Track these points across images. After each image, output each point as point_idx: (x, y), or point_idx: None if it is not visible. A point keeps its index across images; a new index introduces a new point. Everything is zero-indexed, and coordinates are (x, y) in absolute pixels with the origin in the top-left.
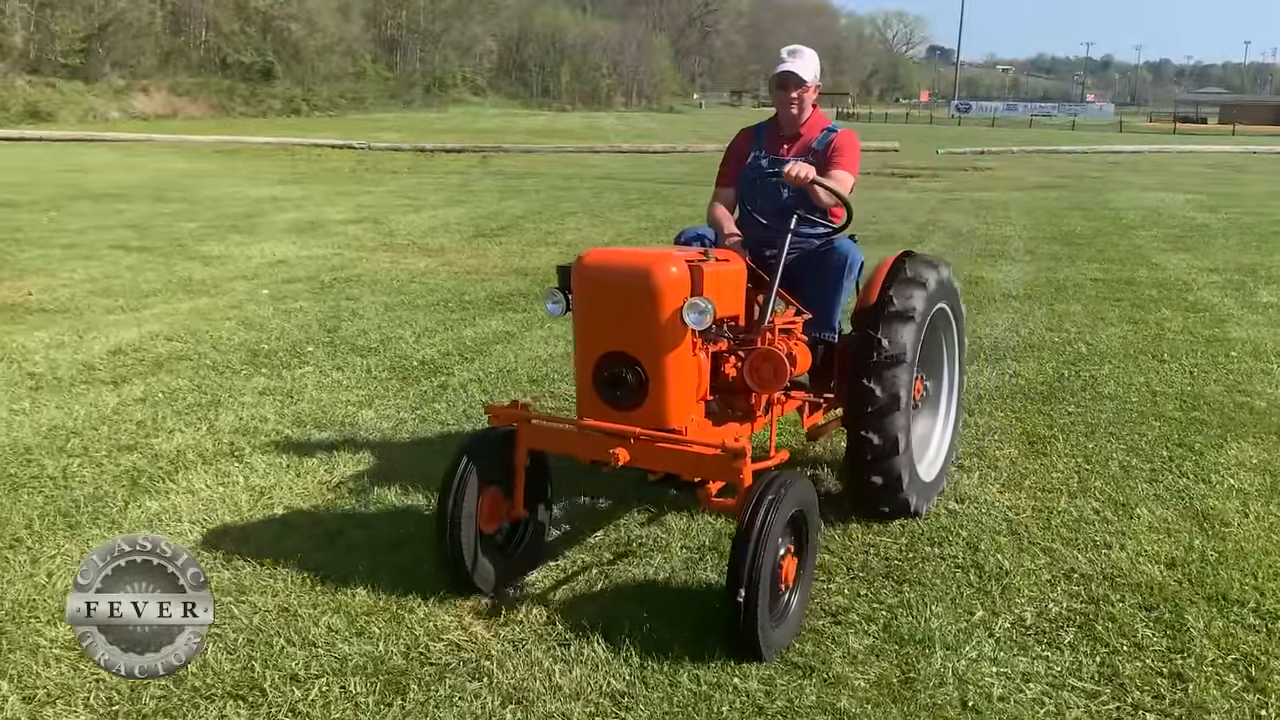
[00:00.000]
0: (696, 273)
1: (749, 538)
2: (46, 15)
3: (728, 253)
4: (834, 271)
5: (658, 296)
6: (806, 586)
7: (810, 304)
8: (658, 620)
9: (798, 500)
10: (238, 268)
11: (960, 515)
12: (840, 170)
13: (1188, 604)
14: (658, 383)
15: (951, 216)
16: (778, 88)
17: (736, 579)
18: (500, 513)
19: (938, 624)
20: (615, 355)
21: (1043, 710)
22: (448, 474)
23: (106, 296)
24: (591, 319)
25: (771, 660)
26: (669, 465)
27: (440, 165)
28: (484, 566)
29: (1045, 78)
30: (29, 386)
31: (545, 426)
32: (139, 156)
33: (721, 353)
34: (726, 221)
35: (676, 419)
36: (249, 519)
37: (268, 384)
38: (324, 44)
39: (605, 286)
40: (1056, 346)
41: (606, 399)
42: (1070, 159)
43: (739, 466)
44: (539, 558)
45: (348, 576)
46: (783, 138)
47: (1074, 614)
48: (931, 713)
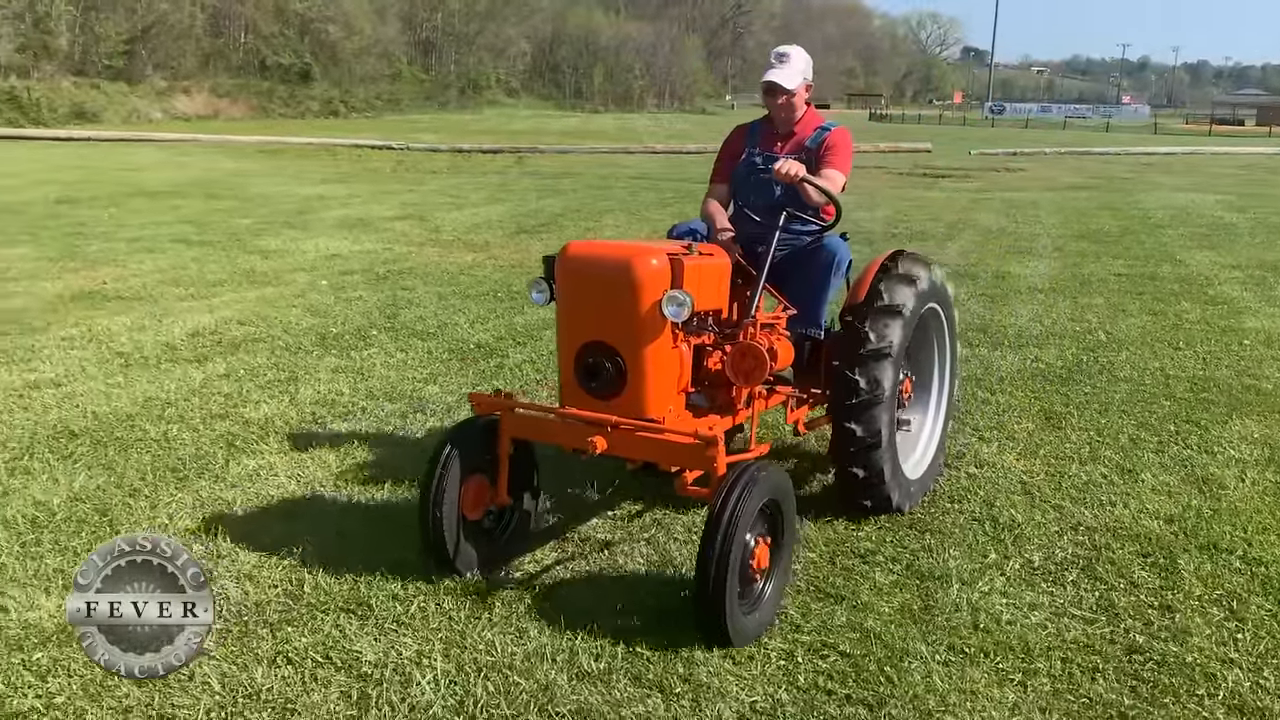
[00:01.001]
0: (677, 266)
1: (718, 525)
2: (91, 18)
3: (712, 247)
4: (821, 269)
5: (637, 288)
6: (783, 575)
7: (797, 300)
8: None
9: (770, 489)
10: (295, 260)
11: (978, 477)
12: (832, 169)
13: (1181, 551)
14: (636, 373)
15: (982, 215)
16: (765, 94)
17: (705, 565)
18: (485, 499)
19: (955, 564)
20: (595, 345)
21: (1045, 632)
22: (431, 461)
23: (177, 285)
24: (573, 309)
25: (741, 646)
26: (646, 454)
27: (478, 165)
28: (467, 551)
29: (1080, 79)
30: (119, 364)
31: (527, 415)
32: (186, 156)
33: (705, 346)
34: (719, 216)
35: (655, 409)
36: (339, 472)
37: (339, 363)
38: (361, 46)
39: (587, 277)
40: (1077, 335)
41: (586, 388)
42: (1103, 160)
43: (712, 455)
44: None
45: None
46: (776, 135)
47: (1077, 558)
48: (947, 632)
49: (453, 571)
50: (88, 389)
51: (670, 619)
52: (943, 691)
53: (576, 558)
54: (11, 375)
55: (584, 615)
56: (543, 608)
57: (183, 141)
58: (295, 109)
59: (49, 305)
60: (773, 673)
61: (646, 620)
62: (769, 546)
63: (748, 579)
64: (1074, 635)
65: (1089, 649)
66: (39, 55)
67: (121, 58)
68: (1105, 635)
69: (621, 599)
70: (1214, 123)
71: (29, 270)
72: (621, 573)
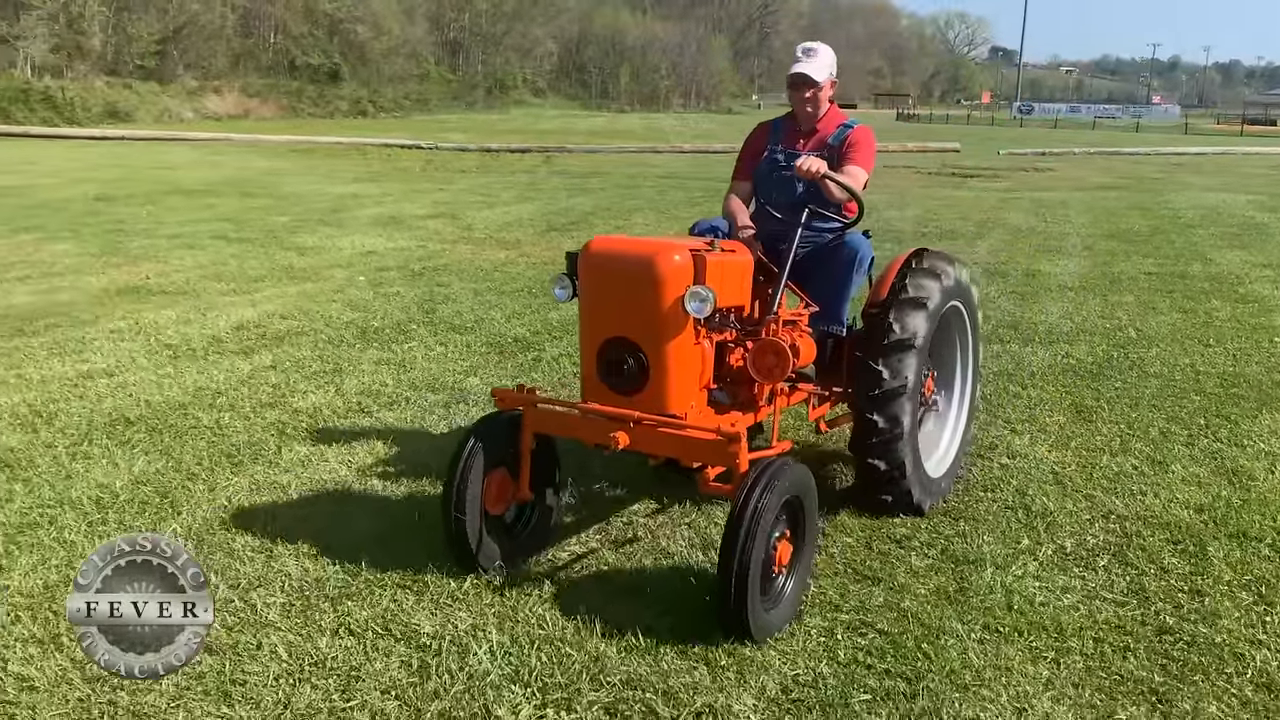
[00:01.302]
0: (699, 262)
1: (740, 521)
2: (124, 18)
3: (734, 244)
4: (843, 266)
5: (660, 284)
6: (805, 571)
7: (819, 297)
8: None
9: (793, 485)
10: (332, 257)
11: (1011, 468)
12: (854, 165)
13: (1211, 539)
14: (658, 369)
15: (1011, 214)
16: (791, 88)
17: (727, 561)
18: (507, 494)
19: (989, 549)
20: (618, 341)
21: (1077, 614)
22: (454, 456)
23: (218, 281)
24: (596, 305)
25: (761, 641)
26: (668, 449)
27: (506, 165)
28: (489, 546)
29: (1110, 79)
30: (168, 355)
31: (550, 410)
32: (219, 155)
33: (727, 342)
34: (741, 214)
35: (676, 404)
36: (388, 458)
37: (381, 355)
38: (389, 46)
39: (610, 273)
40: (1107, 332)
41: (609, 384)
42: (1132, 160)
43: (734, 451)
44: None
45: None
46: (799, 133)
47: (1109, 545)
48: (982, 613)
49: (476, 568)
50: (139, 379)
51: (695, 613)
52: (978, 667)
53: (599, 551)
54: (65, 366)
55: (620, 599)
56: (580, 593)
57: (215, 141)
58: (324, 109)
59: (95, 299)
60: (813, 648)
61: (676, 611)
62: (790, 543)
63: (769, 575)
64: (1105, 616)
65: (1120, 629)
66: (72, 55)
67: (153, 58)
68: (1136, 617)
69: (650, 590)
70: (1245, 123)
71: (74, 265)
72: (645, 567)
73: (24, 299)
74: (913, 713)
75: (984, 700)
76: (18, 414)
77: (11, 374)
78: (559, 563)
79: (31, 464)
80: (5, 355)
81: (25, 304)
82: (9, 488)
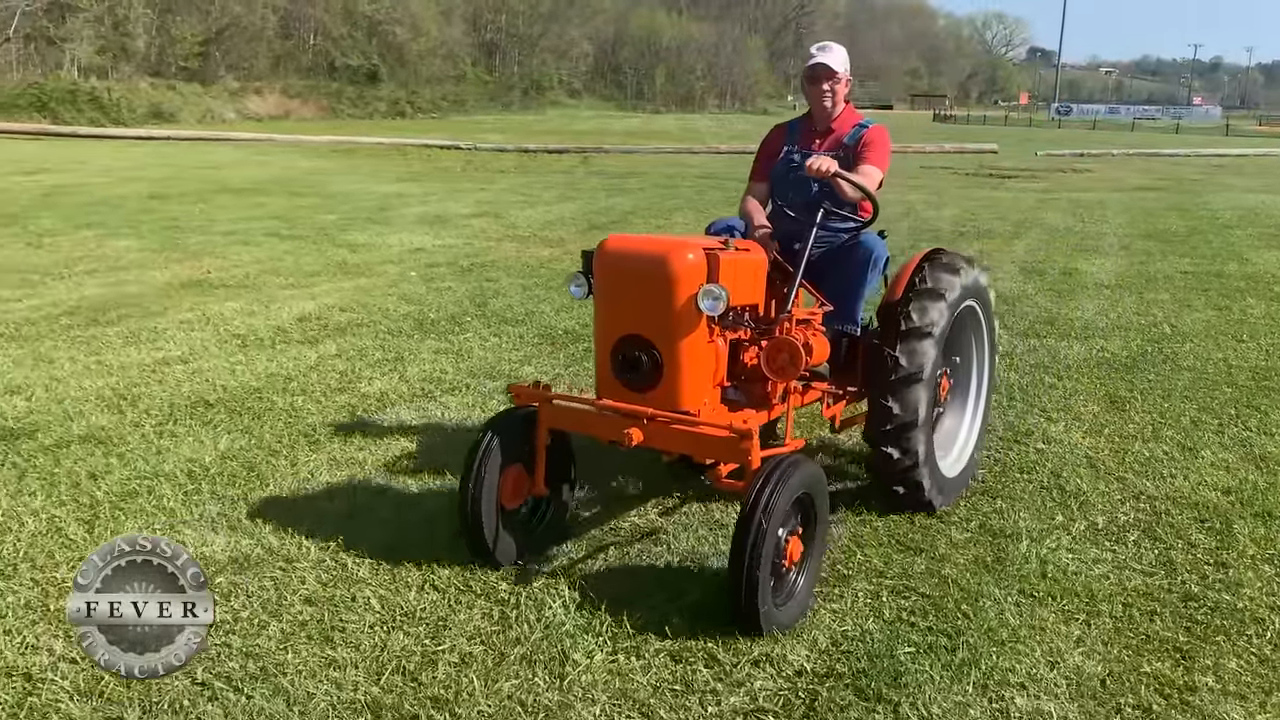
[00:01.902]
0: (713, 260)
1: (751, 516)
2: (167, 20)
3: (749, 243)
4: (858, 266)
5: (673, 282)
6: (815, 567)
7: (833, 297)
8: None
9: (803, 482)
10: (383, 254)
11: (1046, 452)
12: (868, 165)
13: (1237, 518)
14: (672, 366)
15: (1049, 215)
16: (809, 81)
17: (739, 556)
18: (523, 489)
19: (1024, 524)
20: (632, 338)
21: (1108, 582)
22: (471, 452)
23: (276, 275)
24: (611, 303)
25: (772, 635)
26: (681, 446)
27: (544, 165)
28: (505, 540)
29: (1150, 80)
30: (237, 344)
31: (565, 406)
32: (263, 155)
33: (741, 341)
34: (757, 214)
35: (690, 401)
36: (454, 436)
37: (439, 345)
38: (427, 48)
39: (624, 272)
40: (1142, 328)
41: (623, 380)
42: (1172, 162)
43: (747, 448)
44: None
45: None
46: (815, 132)
47: (1139, 522)
48: (1018, 580)
49: (491, 562)
50: (213, 365)
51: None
52: (1014, 626)
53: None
54: (141, 353)
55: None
56: (607, 583)
57: (258, 141)
58: (363, 109)
59: (162, 291)
60: (860, 608)
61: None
62: (801, 540)
63: (780, 571)
64: (1134, 584)
65: (1148, 596)
66: (117, 57)
67: (196, 59)
68: (1163, 585)
69: (670, 583)
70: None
71: (137, 260)
72: (664, 562)
73: (95, 291)
74: (953, 663)
75: (1019, 654)
76: (103, 396)
77: (92, 360)
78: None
79: (123, 440)
80: (84, 343)
81: (96, 296)
82: (106, 461)
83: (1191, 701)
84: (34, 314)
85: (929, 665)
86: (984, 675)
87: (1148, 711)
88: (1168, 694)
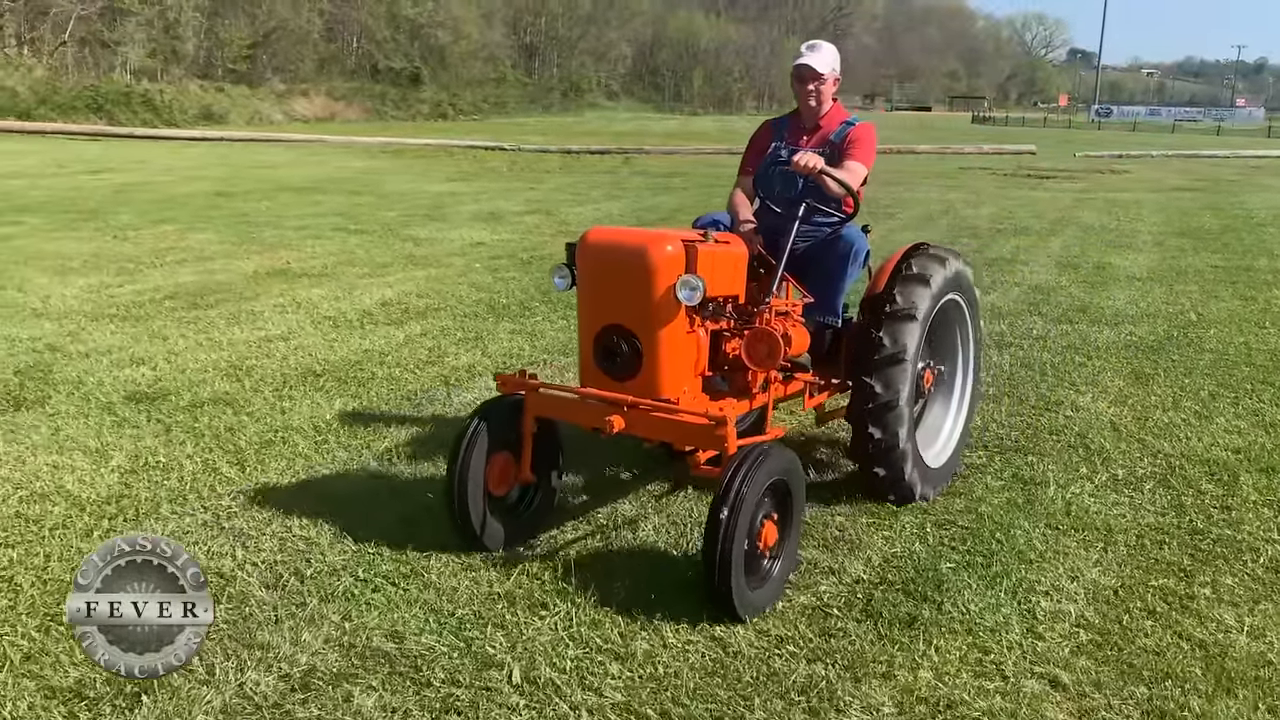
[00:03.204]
0: (691, 252)
1: (725, 499)
2: (216, 23)
3: (729, 236)
4: (839, 259)
5: (652, 273)
6: (792, 553)
7: (815, 289)
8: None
9: (778, 469)
10: (446, 248)
11: (1074, 418)
12: (853, 161)
13: (1244, 471)
14: (651, 355)
15: (1085, 213)
16: (796, 81)
17: (712, 538)
18: (510, 476)
19: (1052, 474)
20: (613, 328)
21: (1124, 519)
22: (458, 439)
23: (352, 266)
24: (593, 293)
25: (748, 619)
26: (660, 433)
27: (588, 165)
28: (493, 527)
29: (1193, 82)
30: (330, 325)
31: (550, 395)
32: (316, 155)
33: (723, 331)
34: (743, 208)
35: (669, 389)
36: None
37: (513, 327)
38: (468, 50)
39: (605, 263)
40: (1169, 315)
41: (605, 369)
42: (1211, 163)
43: (722, 434)
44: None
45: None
46: (803, 129)
47: (1155, 474)
48: (1045, 516)
49: (480, 547)
50: (312, 343)
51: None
52: (1041, 551)
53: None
54: (245, 333)
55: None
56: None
57: (309, 142)
58: (407, 111)
59: (250, 279)
60: (908, 535)
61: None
62: (777, 525)
63: (755, 555)
64: (1147, 521)
65: (1159, 530)
66: (168, 60)
67: (244, 62)
68: (1173, 523)
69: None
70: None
71: (219, 251)
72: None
73: (189, 278)
74: (988, 575)
75: (1044, 570)
76: (219, 367)
77: (202, 337)
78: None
79: (249, 403)
80: (191, 324)
81: (191, 283)
82: (238, 419)
83: (1190, 606)
84: (139, 298)
85: (967, 576)
86: (1014, 585)
87: (1152, 613)
88: (1170, 601)
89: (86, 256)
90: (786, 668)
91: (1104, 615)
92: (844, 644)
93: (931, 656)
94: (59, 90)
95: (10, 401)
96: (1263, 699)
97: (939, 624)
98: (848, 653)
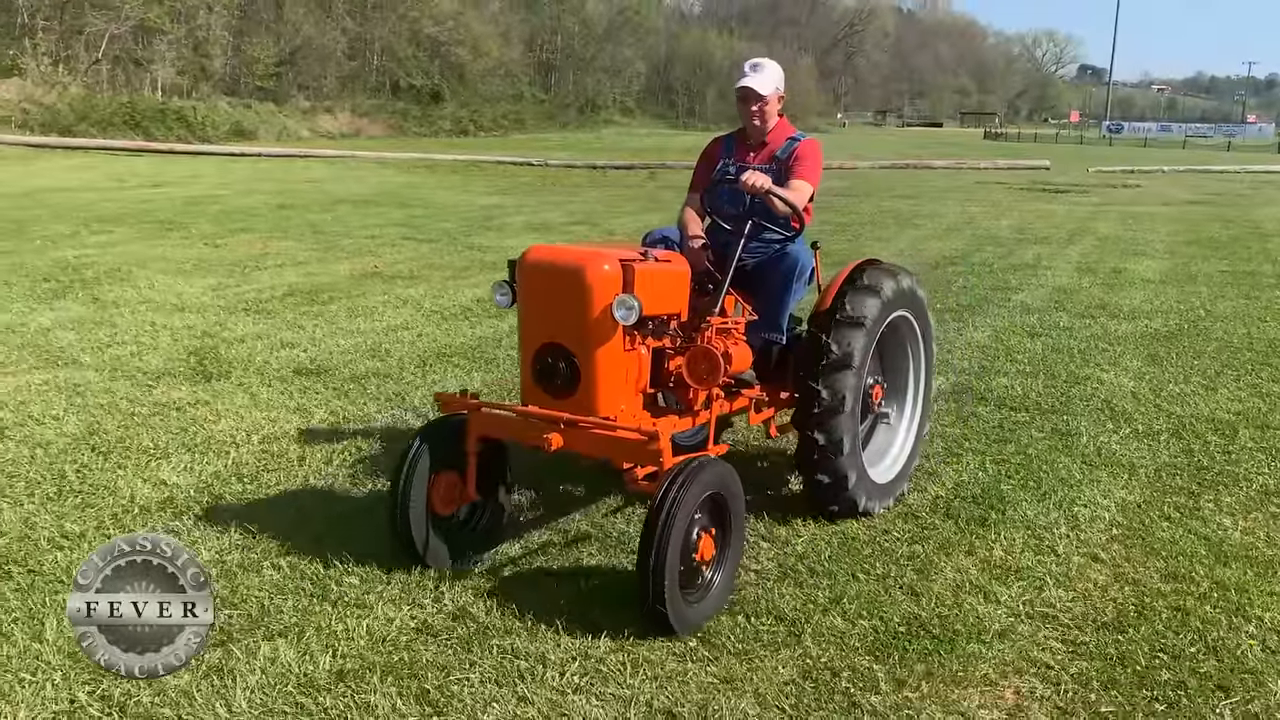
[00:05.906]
0: (628, 271)
1: (657, 516)
2: (243, 42)
3: (670, 254)
4: (783, 276)
5: (589, 292)
6: (732, 567)
7: (760, 306)
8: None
9: (713, 482)
10: (509, 254)
11: (1100, 389)
12: (799, 180)
13: (1242, 427)
14: (588, 373)
15: (1100, 225)
16: (740, 101)
17: (645, 553)
18: (455, 496)
19: (1084, 428)
20: (552, 346)
21: (1144, 459)
22: (399, 460)
23: (434, 269)
24: (532, 311)
25: (684, 635)
26: (597, 450)
27: (615, 180)
28: (437, 545)
29: (1204, 98)
30: (437, 319)
31: (491, 414)
32: (353, 171)
33: (665, 349)
34: (692, 224)
35: (606, 407)
36: None
37: None
38: (487, 68)
39: (543, 281)
40: (1181, 311)
41: (543, 387)
42: (1221, 178)
43: (656, 449)
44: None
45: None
46: (749, 146)
47: (1169, 428)
48: (1080, 455)
49: (423, 565)
50: (430, 331)
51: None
52: (1079, 479)
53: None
54: (367, 323)
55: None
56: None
57: (341, 157)
58: (429, 128)
59: (350, 281)
60: (972, 468)
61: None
62: (714, 539)
63: (692, 568)
64: (1162, 460)
65: (1172, 466)
66: (196, 77)
67: (271, 79)
68: (1183, 461)
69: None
70: None
71: (310, 257)
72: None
73: (295, 279)
74: (1039, 493)
75: (1082, 490)
76: (362, 350)
77: (333, 328)
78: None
79: (400, 376)
80: (317, 316)
81: (299, 283)
82: (398, 387)
83: (1197, 514)
84: (260, 295)
85: (1022, 493)
86: (1059, 500)
87: (1168, 519)
88: (1182, 511)
89: (194, 261)
90: (894, 547)
91: (1131, 519)
92: (933, 533)
93: (1001, 541)
94: (96, 107)
95: (201, 374)
96: (1250, 568)
97: (1004, 523)
98: (937, 538)
